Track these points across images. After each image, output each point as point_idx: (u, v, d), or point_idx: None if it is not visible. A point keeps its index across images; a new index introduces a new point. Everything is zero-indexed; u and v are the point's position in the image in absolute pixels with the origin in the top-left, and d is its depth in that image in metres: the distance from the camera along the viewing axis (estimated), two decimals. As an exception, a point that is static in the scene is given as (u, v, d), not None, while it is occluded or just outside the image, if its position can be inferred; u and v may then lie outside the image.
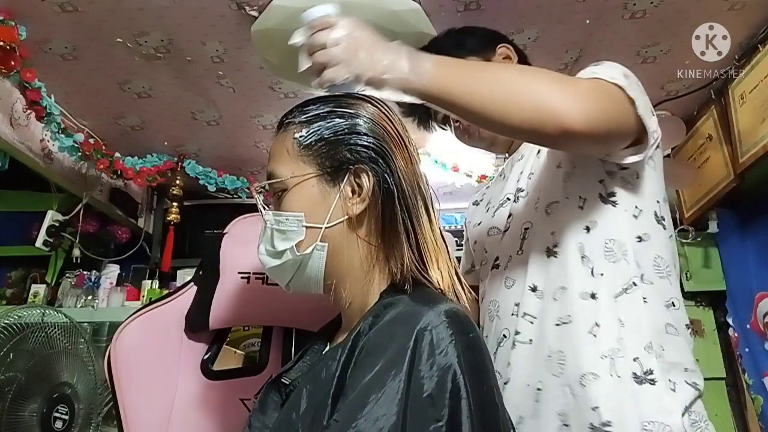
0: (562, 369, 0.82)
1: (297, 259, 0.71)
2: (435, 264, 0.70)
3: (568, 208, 0.90)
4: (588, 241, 0.87)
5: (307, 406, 0.62)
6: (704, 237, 2.12)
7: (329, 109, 0.73)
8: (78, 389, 1.77)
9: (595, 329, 0.82)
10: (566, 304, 0.85)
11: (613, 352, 0.80)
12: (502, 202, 1.02)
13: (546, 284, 0.88)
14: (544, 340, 0.85)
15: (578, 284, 0.85)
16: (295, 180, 0.71)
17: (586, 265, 0.86)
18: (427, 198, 0.73)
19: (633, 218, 0.88)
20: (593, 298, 0.84)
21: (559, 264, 0.88)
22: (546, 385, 0.83)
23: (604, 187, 0.89)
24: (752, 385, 1.93)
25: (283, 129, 0.75)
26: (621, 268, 0.85)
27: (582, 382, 0.80)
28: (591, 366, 0.80)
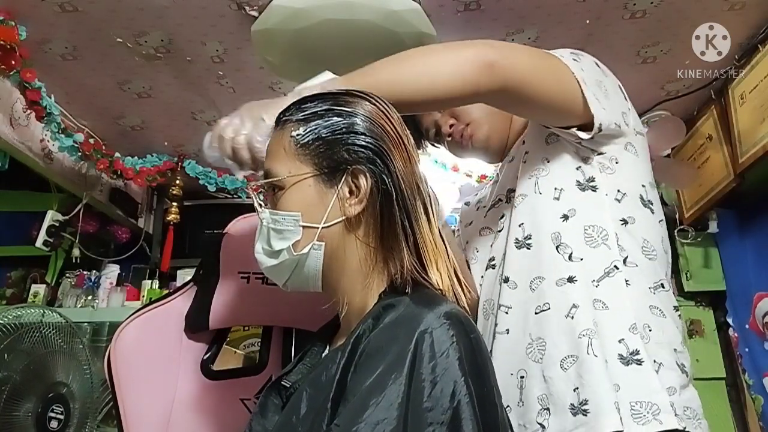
0: (542, 355, 0.83)
1: (294, 259, 0.71)
2: (434, 265, 0.69)
3: (539, 201, 0.91)
4: (565, 230, 0.88)
5: (307, 409, 0.62)
6: (704, 237, 2.12)
7: (327, 107, 0.72)
8: (73, 389, 1.77)
9: (573, 310, 0.82)
10: (544, 293, 0.86)
11: (590, 332, 0.80)
12: (494, 203, 1.03)
13: (519, 275, 0.89)
14: (524, 329, 0.86)
15: (554, 272, 0.86)
16: (292, 179, 0.71)
17: (562, 252, 0.87)
18: (426, 199, 0.73)
19: (615, 202, 0.89)
20: (570, 282, 0.84)
21: (533, 255, 0.89)
22: (528, 373, 0.84)
23: (582, 174, 0.91)
24: (752, 386, 1.93)
25: (280, 126, 0.75)
26: (601, 252, 0.86)
27: (563, 366, 0.80)
28: (570, 348, 0.80)
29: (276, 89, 1.83)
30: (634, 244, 0.87)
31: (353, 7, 1.33)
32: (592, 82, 0.88)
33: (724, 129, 1.83)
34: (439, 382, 0.55)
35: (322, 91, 0.76)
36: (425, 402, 0.54)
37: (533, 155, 0.96)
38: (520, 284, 0.89)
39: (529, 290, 0.87)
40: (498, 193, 1.03)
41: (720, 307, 2.17)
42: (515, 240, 0.92)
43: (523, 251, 0.90)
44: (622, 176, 0.91)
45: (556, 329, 0.83)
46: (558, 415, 0.78)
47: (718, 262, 2.16)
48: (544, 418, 0.79)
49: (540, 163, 0.94)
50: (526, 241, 0.90)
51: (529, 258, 0.89)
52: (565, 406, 0.78)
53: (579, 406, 0.77)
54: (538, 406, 0.81)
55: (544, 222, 0.90)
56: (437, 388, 0.55)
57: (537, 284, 0.87)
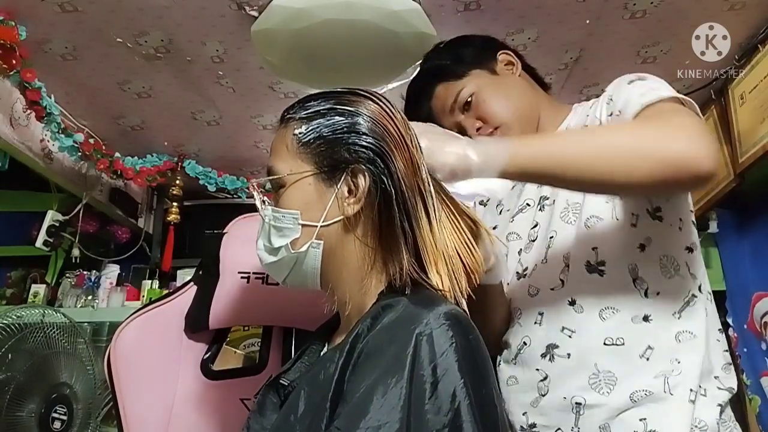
0: (610, 389, 0.82)
1: (293, 257, 0.71)
2: (434, 267, 0.69)
3: (616, 226, 0.88)
4: (642, 261, 0.86)
5: (305, 408, 0.62)
6: (704, 237, 2.12)
7: (330, 106, 0.72)
8: (77, 389, 1.77)
9: (648, 352, 0.82)
10: (617, 326, 0.84)
11: (667, 372, 0.81)
12: (522, 208, 1.00)
13: (588, 301, 0.87)
14: (588, 357, 0.85)
15: (630, 307, 0.85)
16: (293, 177, 0.71)
17: (639, 287, 0.85)
18: (428, 200, 0.72)
19: (678, 231, 0.88)
20: (646, 321, 0.84)
21: (607, 284, 0.87)
22: (589, 402, 0.83)
23: (650, 203, 0.88)
24: (750, 386, 1.93)
25: (283, 124, 0.75)
26: (677, 283, 0.85)
27: (633, 398, 0.81)
28: (643, 386, 0.81)
29: (276, 89, 1.83)
30: (701, 272, 0.88)
31: (353, 7, 1.33)
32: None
33: (724, 129, 1.83)
34: (439, 383, 0.55)
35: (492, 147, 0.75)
36: (427, 404, 0.54)
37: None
38: (588, 310, 0.87)
39: (598, 319, 0.86)
40: (525, 197, 1.00)
41: (720, 307, 2.16)
42: (587, 263, 0.88)
43: (594, 276, 0.88)
44: (680, 204, 0.90)
45: (629, 367, 0.82)
46: None
47: (718, 262, 2.16)
48: None
49: None
50: (599, 267, 0.88)
51: (602, 285, 0.87)
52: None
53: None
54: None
55: (621, 250, 0.87)
56: (438, 390, 0.55)
57: (609, 315, 0.85)
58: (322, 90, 0.76)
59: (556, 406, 0.86)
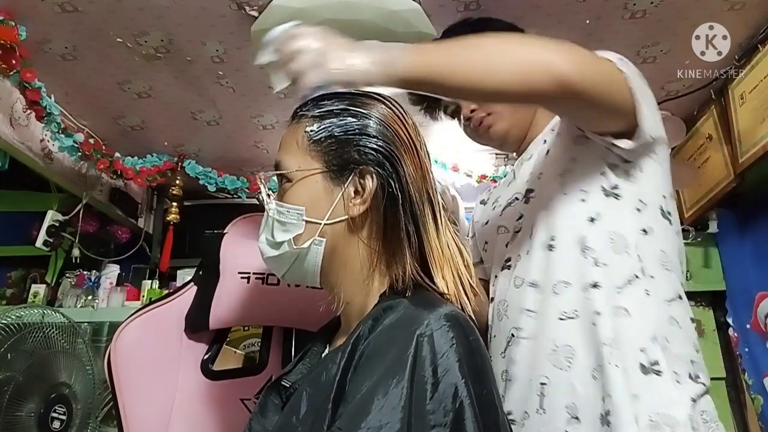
0: (569, 363, 0.82)
1: (294, 252, 0.71)
2: (440, 272, 0.69)
3: (566, 202, 0.90)
4: (591, 232, 0.87)
5: (307, 409, 0.62)
6: (704, 237, 2.12)
7: (343, 107, 0.73)
8: (76, 389, 1.77)
9: (595, 317, 0.82)
10: (570, 298, 0.84)
11: (611, 341, 0.80)
12: (510, 201, 1.01)
13: (545, 278, 0.88)
14: (547, 334, 0.85)
15: (580, 276, 0.85)
16: (301, 174, 0.71)
17: (588, 256, 0.86)
18: (435, 206, 0.73)
19: (636, 211, 0.88)
20: (595, 287, 0.83)
21: (558, 257, 0.88)
22: (552, 380, 0.82)
23: (607, 180, 0.89)
24: (752, 385, 1.93)
25: (296, 120, 0.75)
26: (624, 261, 0.85)
27: (594, 375, 0.80)
28: (597, 357, 0.80)
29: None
30: (651, 255, 0.86)
31: (353, 7, 1.33)
32: (641, 92, 0.85)
33: (724, 129, 1.83)
34: (440, 384, 0.55)
35: (385, 50, 0.72)
36: (428, 405, 0.54)
37: (559, 154, 0.93)
38: (544, 287, 0.87)
39: (552, 294, 0.86)
40: (515, 191, 1.01)
41: (720, 307, 2.17)
42: (542, 243, 0.90)
43: (545, 253, 0.89)
44: (645, 186, 0.90)
45: (583, 338, 0.82)
46: (589, 425, 0.78)
47: (718, 262, 2.16)
48: (574, 427, 0.79)
49: (567, 162, 0.92)
50: (549, 242, 0.89)
51: (553, 261, 0.88)
52: (596, 417, 0.78)
53: (606, 416, 0.77)
54: (567, 415, 0.80)
55: (570, 224, 0.88)
56: (439, 391, 0.55)
57: (562, 288, 0.86)
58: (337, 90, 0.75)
59: (522, 390, 0.85)
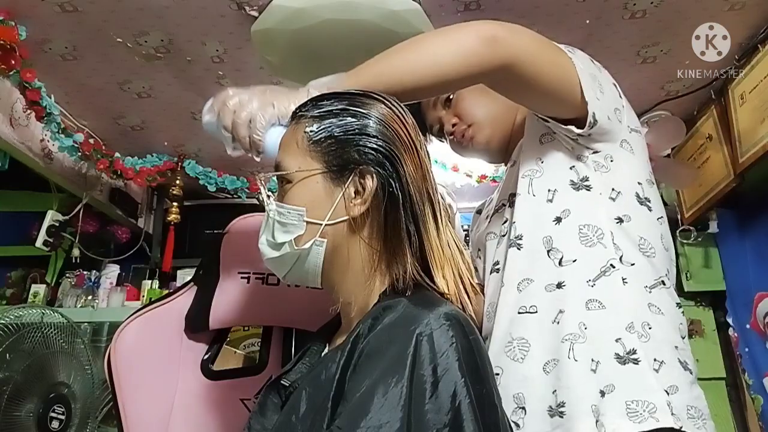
0: (523, 355, 0.82)
1: (295, 253, 0.71)
2: (440, 272, 0.69)
3: (532, 201, 0.91)
4: (558, 232, 0.87)
5: (306, 408, 0.62)
6: (704, 237, 2.12)
7: (343, 107, 0.73)
8: (75, 389, 1.77)
9: (559, 316, 0.82)
10: (531, 295, 0.85)
11: (572, 336, 0.80)
12: (497, 207, 1.03)
13: (508, 275, 0.89)
14: (504, 326, 0.86)
15: (544, 276, 0.85)
16: (301, 174, 0.71)
17: (553, 257, 0.86)
18: (436, 206, 0.73)
19: (610, 200, 0.88)
20: (559, 288, 0.84)
21: (524, 256, 0.88)
22: (505, 370, 0.83)
23: (576, 173, 0.90)
24: (752, 385, 1.93)
25: (295, 121, 0.75)
26: (597, 252, 0.85)
27: (545, 369, 0.80)
28: (553, 352, 0.80)
29: (276, 89, 1.82)
30: (629, 243, 0.86)
31: (353, 7, 1.33)
32: (587, 75, 0.87)
33: (724, 129, 1.83)
34: (439, 383, 0.55)
35: (330, 87, 0.77)
36: (427, 404, 0.54)
37: (528, 155, 0.95)
38: (508, 283, 0.89)
39: (516, 291, 0.87)
40: (501, 198, 1.03)
41: (720, 307, 2.17)
42: (509, 239, 0.91)
43: (513, 250, 0.90)
44: (617, 174, 0.90)
45: (540, 333, 0.82)
46: (535, 416, 0.79)
47: (718, 262, 2.16)
48: (519, 417, 0.80)
49: (534, 163, 0.93)
50: (517, 240, 0.90)
51: (520, 258, 0.89)
52: (544, 408, 0.78)
53: (556, 408, 0.77)
54: (513, 405, 0.81)
55: (536, 225, 0.89)
56: (438, 390, 0.55)
57: (525, 285, 0.87)
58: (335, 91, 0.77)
59: None
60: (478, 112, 1.06)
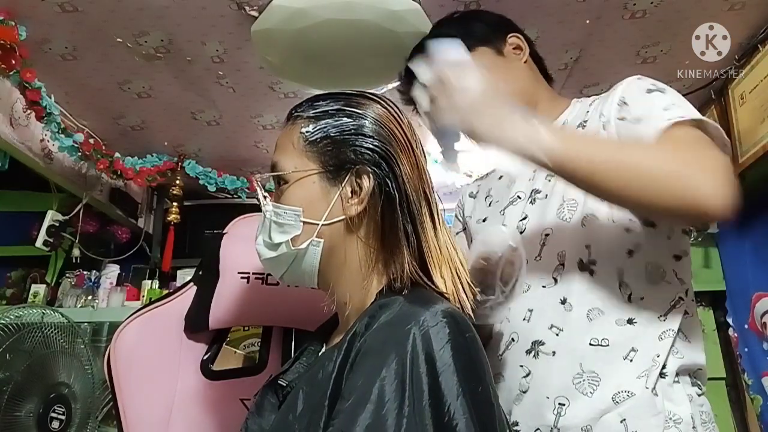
0: (593, 389, 0.82)
1: (292, 253, 0.71)
2: (438, 271, 0.69)
3: (611, 227, 0.88)
4: (629, 266, 0.86)
5: (303, 407, 0.62)
6: (704, 237, 2.12)
7: (338, 107, 0.73)
8: (75, 389, 1.77)
9: (632, 354, 0.82)
10: (603, 328, 0.84)
11: (648, 370, 0.82)
12: (512, 200, 0.99)
13: (578, 300, 0.86)
14: (574, 357, 0.84)
15: (614, 310, 0.85)
16: (297, 174, 0.71)
17: (623, 291, 0.85)
18: (433, 205, 0.73)
19: (667, 239, 0.89)
20: (630, 324, 0.84)
21: (596, 284, 0.86)
22: (572, 402, 0.82)
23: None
24: (751, 385, 1.93)
25: (291, 121, 0.75)
26: (663, 289, 0.86)
27: (615, 400, 0.81)
28: (625, 386, 0.81)
29: (276, 89, 1.83)
30: (689, 277, 0.89)
31: (353, 7, 1.33)
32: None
33: (724, 129, 1.81)
34: (435, 380, 0.55)
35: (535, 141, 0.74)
36: (423, 401, 0.54)
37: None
38: (576, 309, 0.86)
39: (586, 319, 0.85)
40: (516, 190, 0.99)
41: (720, 307, 2.17)
42: (579, 261, 0.88)
43: (585, 275, 0.87)
44: None
45: (612, 368, 0.82)
46: None
47: (718, 262, 2.16)
48: None
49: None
50: (590, 266, 0.87)
51: (591, 284, 0.86)
52: None
53: None
54: None
55: (611, 253, 0.87)
56: (434, 387, 0.55)
57: (596, 315, 0.85)
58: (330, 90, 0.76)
59: (537, 405, 0.85)
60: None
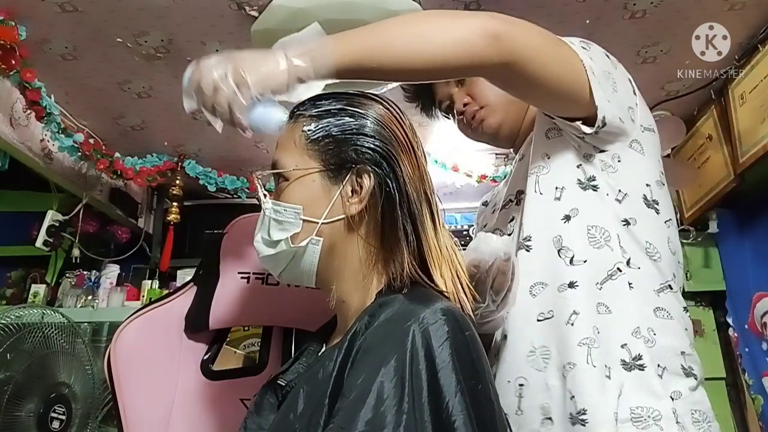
0: (546, 363, 0.81)
1: (291, 251, 0.71)
2: (438, 271, 0.69)
3: (539, 201, 0.89)
4: (567, 231, 0.86)
5: (304, 406, 0.62)
6: (704, 237, 2.12)
7: (341, 107, 0.73)
8: (75, 389, 1.77)
9: (573, 317, 0.81)
10: (546, 299, 0.84)
11: (589, 341, 0.79)
12: (505, 203, 1.01)
13: (522, 279, 0.86)
14: (525, 335, 0.84)
15: (556, 277, 0.84)
16: (298, 173, 0.72)
17: (564, 256, 0.85)
18: (433, 205, 0.73)
19: (616, 202, 0.86)
20: (572, 287, 0.83)
21: (534, 258, 0.87)
22: (529, 381, 0.82)
23: (583, 173, 0.88)
24: (752, 385, 1.93)
25: (293, 119, 0.75)
26: (604, 254, 0.84)
27: (563, 373, 0.79)
28: (570, 356, 0.79)
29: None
30: (636, 246, 0.85)
31: (353, 7, 1.33)
32: (600, 73, 0.84)
33: (724, 129, 1.83)
34: (435, 378, 0.55)
35: (307, 47, 0.72)
36: (423, 398, 0.54)
37: (534, 151, 0.93)
38: (520, 288, 0.86)
39: (529, 295, 0.86)
40: (508, 193, 1.01)
41: (720, 307, 2.17)
42: (518, 242, 0.89)
43: (523, 253, 0.88)
44: (625, 175, 0.88)
45: (557, 337, 0.81)
46: (560, 425, 0.78)
47: (718, 262, 2.16)
48: (547, 428, 0.79)
49: (540, 159, 0.91)
50: (525, 242, 0.88)
51: (530, 261, 0.87)
52: (565, 416, 0.77)
53: (577, 416, 0.76)
54: (541, 416, 0.80)
55: (544, 224, 0.87)
56: (434, 385, 0.55)
57: (539, 290, 0.85)
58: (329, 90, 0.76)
59: (501, 391, 0.84)
60: (492, 94, 1.01)
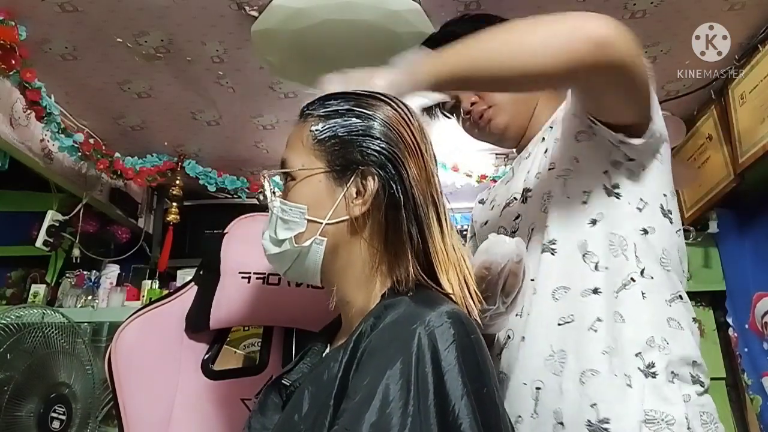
0: (562, 368, 0.81)
1: (295, 250, 0.72)
2: (445, 275, 0.69)
3: (567, 204, 0.88)
4: (592, 236, 0.86)
5: (309, 407, 0.62)
6: (704, 237, 2.12)
7: (348, 107, 0.73)
8: (75, 389, 1.77)
9: (597, 324, 0.81)
10: (568, 304, 0.84)
11: (611, 349, 0.79)
12: (509, 201, 1.00)
13: (543, 282, 0.86)
14: (544, 339, 0.84)
15: (581, 282, 0.84)
16: (304, 172, 0.72)
17: (588, 261, 0.85)
18: (440, 209, 0.73)
19: (637, 211, 0.86)
20: (596, 293, 0.83)
21: (559, 262, 0.86)
22: (546, 385, 0.82)
23: (609, 179, 0.88)
24: (751, 386, 1.93)
25: (302, 119, 0.76)
26: (620, 263, 0.84)
27: (582, 380, 0.79)
28: (591, 363, 0.79)
29: (276, 89, 1.83)
30: (652, 256, 0.85)
31: (353, 7, 1.33)
32: (654, 86, 0.83)
33: (724, 129, 1.83)
34: (440, 381, 0.55)
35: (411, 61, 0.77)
36: (428, 401, 0.54)
37: (560, 154, 0.91)
38: (541, 291, 0.86)
39: (551, 299, 0.85)
40: (513, 191, 1.00)
41: (720, 307, 2.17)
42: (540, 243, 0.88)
43: (546, 255, 0.87)
44: (646, 185, 0.88)
45: (578, 342, 0.81)
46: (573, 430, 0.78)
47: (718, 262, 2.16)
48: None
49: (568, 163, 0.90)
50: (550, 245, 0.87)
51: (553, 264, 0.86)
52: (581, 423, 0.77)
53: (599, 424, 0.76)
54: (553, 420, 0.79)
55: (571, 228, 0.87)
56: (439, 387, 0.55)
57: (561, 294, 0.85)
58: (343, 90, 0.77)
59: (516, 393, 0.84)
60: (498, 93, 1.01)
